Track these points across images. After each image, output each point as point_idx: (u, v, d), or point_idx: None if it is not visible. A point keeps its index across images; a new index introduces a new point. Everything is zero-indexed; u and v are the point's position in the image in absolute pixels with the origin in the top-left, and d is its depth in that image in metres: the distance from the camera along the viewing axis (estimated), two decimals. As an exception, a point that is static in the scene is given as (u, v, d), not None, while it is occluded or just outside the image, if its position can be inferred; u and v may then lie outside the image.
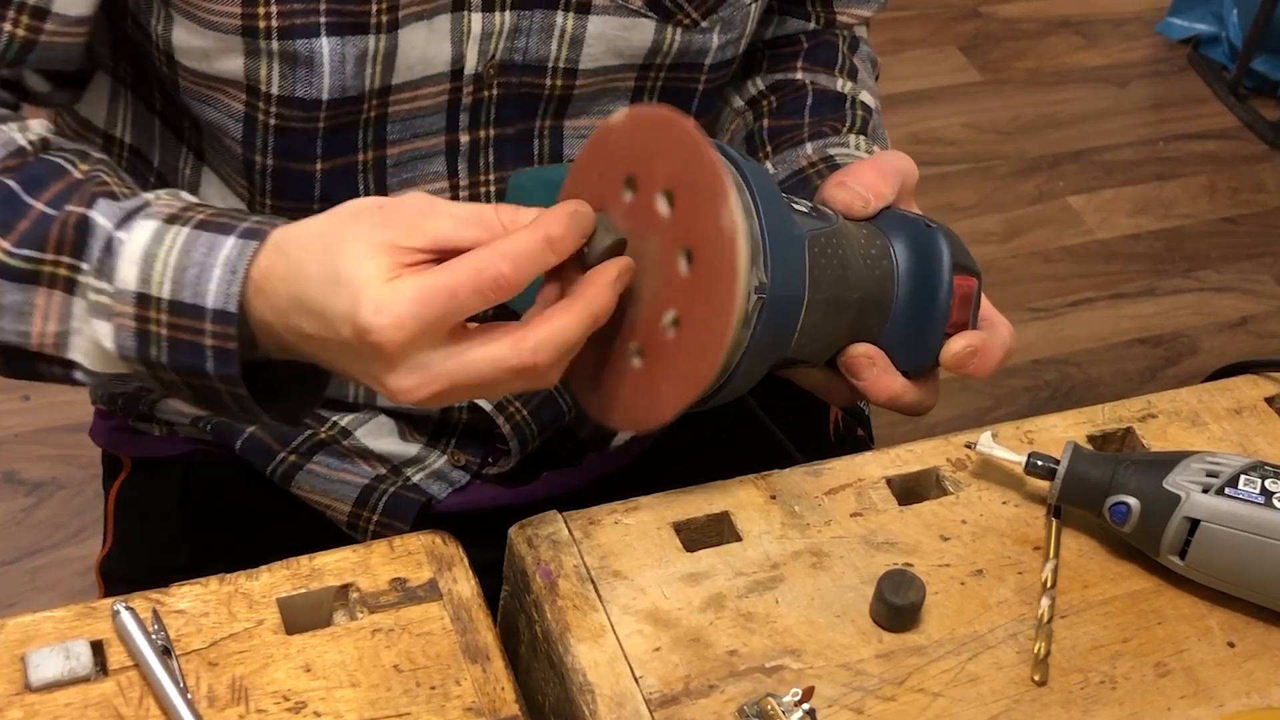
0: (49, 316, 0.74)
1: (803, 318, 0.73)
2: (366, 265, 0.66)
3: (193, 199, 0.76)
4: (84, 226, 0.73)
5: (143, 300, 0.71)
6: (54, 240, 0.73)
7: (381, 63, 0.81)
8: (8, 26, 0.76)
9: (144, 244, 0.72)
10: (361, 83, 0.81)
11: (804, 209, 0.76)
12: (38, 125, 0.79)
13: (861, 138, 0.95)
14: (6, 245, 0.73)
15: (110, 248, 0.72)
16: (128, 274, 0.71)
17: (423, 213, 0.67)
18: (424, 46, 0.81)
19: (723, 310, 0.68)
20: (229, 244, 0.71)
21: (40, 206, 0.74)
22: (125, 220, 0.73)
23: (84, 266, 0.73)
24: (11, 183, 0.74)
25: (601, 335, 0.71)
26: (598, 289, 0.69)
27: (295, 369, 0.75)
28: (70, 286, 0.73)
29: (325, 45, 0.78)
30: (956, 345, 0.79)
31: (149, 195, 0.75)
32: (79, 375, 0.76)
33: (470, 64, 0.83)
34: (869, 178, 0.80)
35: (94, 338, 0.74)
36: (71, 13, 0.78)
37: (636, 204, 0.71)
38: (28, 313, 0.73)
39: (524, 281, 0.66)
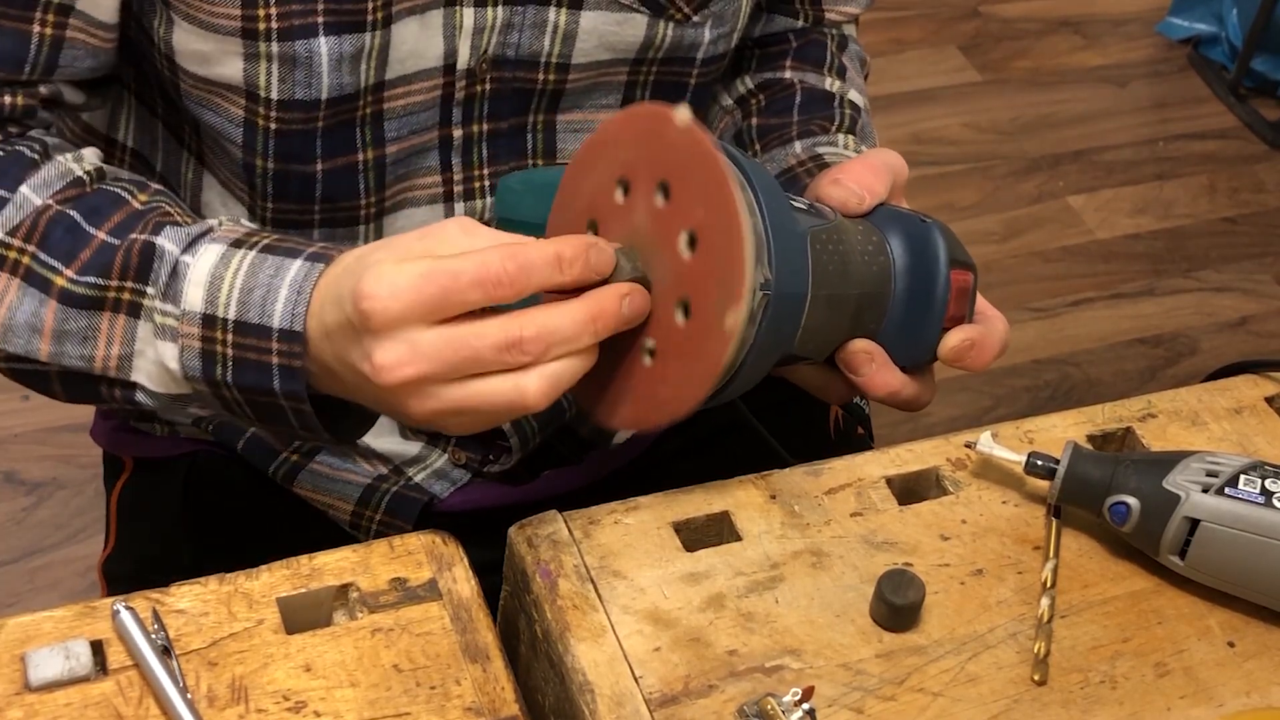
0: (112, 340, 0.75)
1: (806, 314, 0.73)
2: (384, 252, 0.68)
3: (254, 225, 0.78)
4: (149, 252, 0.75)
5: (209, 321, 0.73)
6: (118, 267, 0.75)
7: (376, 59, 0.81)
8: (36, 27, 0.76)
9: (210, 266, 0.73)
10: (357, 79, 0.81)
11: (802, 206, 0.76)
12: (91, 154, 0.80)
13: (850, 136, 0.95)
14: (70, 274, 0.75)
15: (176, 271, 0.74)
16: (194, 296, 0.73)
17: (464, 230, 0.69)
18: (415, 41, 0.81)
19: (729, 308, 0.68)
20: (295, 266, 0.72)
21: (102, 236, 0.75)
22: (191, 245, 0.75)
23: (149, 291, 0.74)
24: (73, 213, 0.76)
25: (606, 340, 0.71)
26: (602, 293, 0.68)
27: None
28: (135, 310, 0.75)
29: (323, 45, 0.78)
30: (954, 339, 0.79)
31: (212, 221, 0.77)
32: (140, 397, 0.77)
33: (463, 59, 0.83)
34: (862, 175, 0.80)
35: (158, 359, 0.75)
36: (99, 16, 0.78)
37: (636, 206, 0.71)
38: (92, 337, 0.75)
39: (526, 288, 0.66)
